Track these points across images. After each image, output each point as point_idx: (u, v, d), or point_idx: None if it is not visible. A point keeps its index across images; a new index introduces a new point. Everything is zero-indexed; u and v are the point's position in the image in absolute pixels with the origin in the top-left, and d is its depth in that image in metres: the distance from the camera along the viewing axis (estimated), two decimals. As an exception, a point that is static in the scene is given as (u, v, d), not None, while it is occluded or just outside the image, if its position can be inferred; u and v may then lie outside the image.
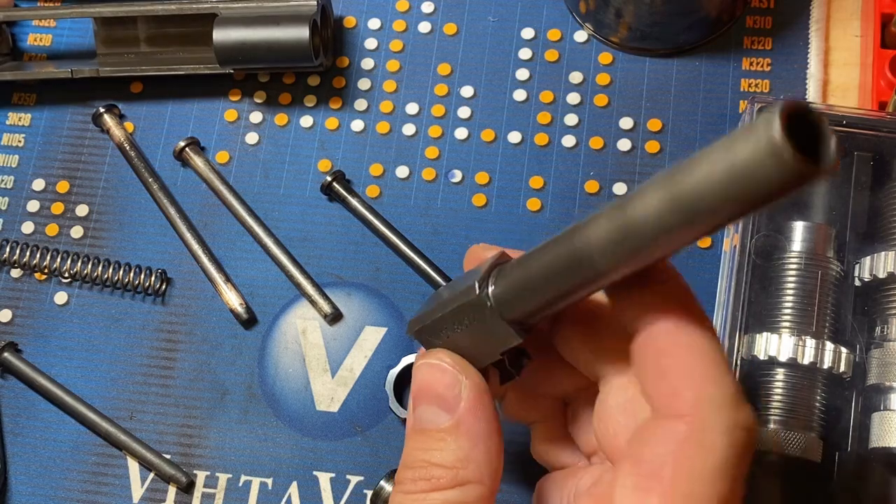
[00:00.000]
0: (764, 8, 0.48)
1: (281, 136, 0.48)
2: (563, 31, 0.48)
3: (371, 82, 0.49)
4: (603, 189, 0.46)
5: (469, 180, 0.46)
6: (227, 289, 0.45)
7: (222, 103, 0.49)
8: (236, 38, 0.45)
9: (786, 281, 0.38)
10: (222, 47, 0.45)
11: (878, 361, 0.37)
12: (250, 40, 0.45)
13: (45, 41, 0.51)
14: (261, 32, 0.45)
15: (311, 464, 0.43)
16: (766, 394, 0.37)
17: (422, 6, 0.50)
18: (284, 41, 0.45)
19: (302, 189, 0.47)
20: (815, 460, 0.36)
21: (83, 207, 0.47)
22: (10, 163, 0.49)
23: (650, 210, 0.24)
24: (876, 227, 0.39)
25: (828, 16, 0.47)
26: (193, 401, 0.44)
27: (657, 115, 0.46)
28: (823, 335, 0.37)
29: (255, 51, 0.45)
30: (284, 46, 0.45)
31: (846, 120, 0.40)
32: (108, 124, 0.48)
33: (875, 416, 0.37)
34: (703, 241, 0.44)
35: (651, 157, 0.46)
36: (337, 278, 0.45)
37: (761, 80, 0.46)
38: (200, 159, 0.47)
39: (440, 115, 0.48)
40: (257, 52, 0.45)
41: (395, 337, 0.44)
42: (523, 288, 0.28)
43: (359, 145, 0.48)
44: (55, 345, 0.45)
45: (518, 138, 0.47)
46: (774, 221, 0.39)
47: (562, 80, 0.48)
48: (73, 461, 0.43)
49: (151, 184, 0.47)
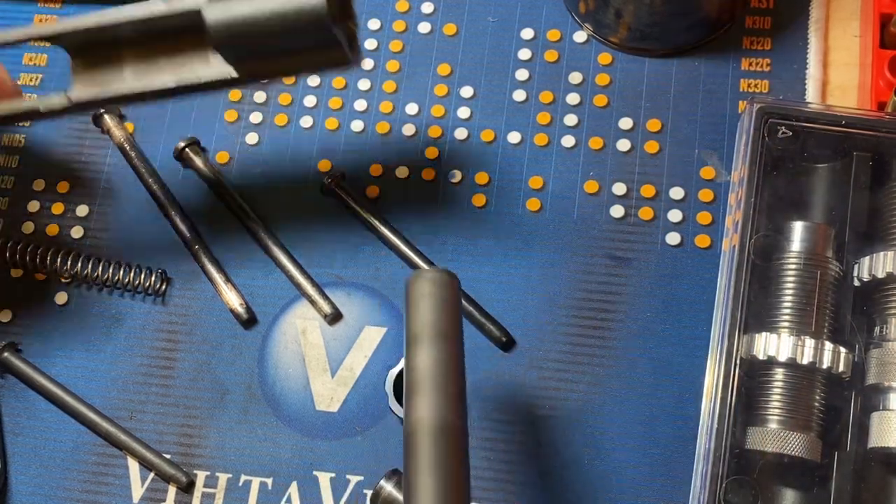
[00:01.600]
0: (763, 8, 0.48)
1: (281, 136, 0.48)
2: (562, 31, 0.48)
3: (371, 83, 0.49)
4: (602, 189, 0.46)
5: (469, 180, 0.46)
6: (227, 289, 0.45)
7: (222, 103, 0.49)
8: (237, 12, 0.34)
9: (785, 281, 0.38)
10: (219, 26, 0.34)
11: (877, 361, 0.37)
12: (254, 14, 0.34)
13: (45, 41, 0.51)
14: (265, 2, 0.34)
15: (311, 464, 0.43)
16: (766, 394, 0.37)
17: (422, 6, 0.50)
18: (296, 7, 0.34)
19: (302, 189, 0.47)
20: (814, 460, 0.37)
21: (83, 207, 0.48)
22: (10, 163, 0.49)
23: None
24: (875, 227, 0.39)
25: (827, 16, 0.47)
26: (193, 401, 0.44)
27: (657, 116, 0.47)
28: (822, 335, 0.37)
29: (261, 28, 0.34)
30: (296, 17, 0.34)
31: (845, 120, 0.40)
32: (108, 124, 0.48)
33: (874, 415, 0.37)
34: (703, 241, 0.44)
35: (651, 158, 0.46)
36: (337, 278, 0.45)
37: (761, 80, 0.47)
38: (200, 159, 0.47)
39: (440, 116, 0.48)
40: (264, 28, 0.34)
41: (394, 337, 0.44)
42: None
43: (359, 145, 0.48)
44: (55, 345, 0.45)
45: (518, 138, 0.47)
46: (774, 221, 0.39)
47: (561, 80, 0.48)
48: (73, 461, 0.43)
49: (151, 184, 0.47)
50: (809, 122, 0.40)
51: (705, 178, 0.45)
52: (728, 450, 0.36)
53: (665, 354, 0.42)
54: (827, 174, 0.40)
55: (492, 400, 0.43)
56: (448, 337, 0.32)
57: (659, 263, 0.44)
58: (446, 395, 0.31)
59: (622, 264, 0.44)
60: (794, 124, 0.40)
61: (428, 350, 0.32)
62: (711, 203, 0.45)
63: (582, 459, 0.41)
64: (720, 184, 0.45)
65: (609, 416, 0.42)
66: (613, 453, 0.41)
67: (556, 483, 0.41)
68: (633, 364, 0.43)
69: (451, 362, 0.32)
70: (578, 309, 0.44)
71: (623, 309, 0.43)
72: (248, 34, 0.34)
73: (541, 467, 0.41)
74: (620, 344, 0.43)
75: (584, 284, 0.44)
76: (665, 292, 0.44)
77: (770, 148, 0.40)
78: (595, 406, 0.42)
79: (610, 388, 0.42)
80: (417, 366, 0.32)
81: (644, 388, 0.42)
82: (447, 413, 0.31)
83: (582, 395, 0.42)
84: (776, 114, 0.40)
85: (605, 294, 0.44)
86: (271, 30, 0.34)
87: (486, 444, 0.42)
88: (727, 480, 0.36)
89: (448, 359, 0.32)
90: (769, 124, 0.40)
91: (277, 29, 0.34)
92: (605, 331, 0.43)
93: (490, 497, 0.41)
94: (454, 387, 0.32)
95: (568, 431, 0.42)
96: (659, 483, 0.41)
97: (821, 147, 0.40)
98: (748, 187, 0.40)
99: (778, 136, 0.40)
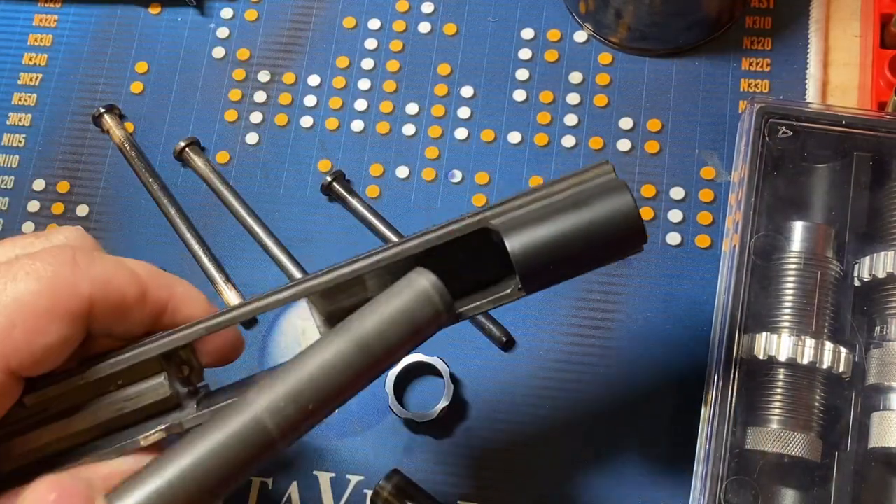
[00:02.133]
0: (764, 8, 0.48)
1: (281, 136, 0.48)
2: (562, 31, 0.48)
3: (371, 82, 0.49)
4: (603, 189, 0.46)
5: (469, 180, 0.46)
6: (227, 289, 0.45)
7: (222, 103, 0.49)
8: (542, 238, 0.29)
9: (785, 281, 0.38)
10: (527, 257, 0.29)
11: (877, 361, 0.37)
12: (560, 235, 0.29)
13: (45, 41, 0.51)
14: (566, 221, 0.29)
15: (311, 464, 0.43)
16: (766, 394, 0.37)
17: (422, 6, 0.50)
18: (603, 222, 0.29)
19: (302, 189, 0.47)
20: (814, 460, 0.36)
21: (83, 207, 0.47)
22: (10, 163, 0.49)
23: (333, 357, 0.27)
24: (875, 227, 0.39)
25: (827, 16, 0.47)
26: (193, 401, 0.44)
27: (657, 116, 0.46)
28: (823, 335, 0.37)
29: (570, 247, 0.29)
30: (605, 229, 0.29)
31: (846, 120, 0.40)
32: (108, 124, 0.48)
33: (874, 416, 0.37)
34: (703, 241, 0.44)
35: (651, 157, 0.46)
36: (337, 278, 0.45)
37: (761, 80, 0.47)
38: (200, 159, 0.47)
39: (440, 115, 0.48)
40: (572, 248, 0.29)
41: (394, 337, 0.44)
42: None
43: (359, 145, 0.48)
44: (55, 345, 0.45)
45: (518, 138, 0.47)
46: (774, 221, 0.39)
47: (561, 80, 0.48)
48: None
49: (151, 184, 0.47)
50: (810, 122, 0.40)
51: (705, 178, 0.45)
52: (728, 450, 0.36)
53: (665, 354, 0.42)
54: (827, 174, 0.40)
55: (492, 400, 0.43)
56: (371, 354, 0.27)
57: (659, 263, 0.44)
58: (297, 404, 0.27)
59: (622, 264, 0.44)
60: (794, 124, 0.40)
61: (338, 348, 0.28)
62: (712, 203, 0.45)
63: (582, 459, 0.41)
64: (720, 184, 0.45)
65: (609, 416, 0.42)
66: (614, 453, 0.41)
67: (556, 483, 0.41)
68: (633, 364, 0.43)
69: (344, 378, 0.27)
70: (578, 309, 0.44)
71: (623, 309, 0.43)
72: (552, 256, 0.29)
73: (541, 467, 0.41)
74: (620, 344, 0.43)
75: (585, 284, 0.44)
76: (665, 292, 0.43)
77: (770, 148, 0.40)
78: (595, 406, 0.42)
79: (610, 387, 0.42)
80: (314, 354, 0.28)
81: (644, 388, 0.42)
82: (270, 419, 0.26)
83: (582, 395, 0.42)
84: (776, 114, 0.40)
85: (605, 294, 0.44)
86: (576, 246, 0.29)
87: (486, 444, 0.42)
88: (727, 481, 0.36)
89: (345, 372, 0.27)
90: (769, 124, 0.40)
91: (582, 244, 0.29)
92: (605, 331, 0.43)
93: (490, 497, 0.41)
94: (316, 403, 0.27)
95: (568, 431, 0.42)
96: (659, 483, 0.41)
97: (821, 147, 0.40)
98: (748, 187, 0.40)
99: (778, 136, 0.40)
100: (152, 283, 0.29)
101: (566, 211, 0.29)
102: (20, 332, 0.26)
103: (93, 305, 0.27)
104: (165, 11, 0.51)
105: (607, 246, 0.29)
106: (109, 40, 0.51)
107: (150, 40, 0.50)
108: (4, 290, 0.26)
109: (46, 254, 0.27)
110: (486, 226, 0.29)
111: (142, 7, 0.51)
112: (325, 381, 0.27)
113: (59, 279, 0.27)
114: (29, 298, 0.26)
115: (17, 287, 0.26)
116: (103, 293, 0.28)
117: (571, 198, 0.29)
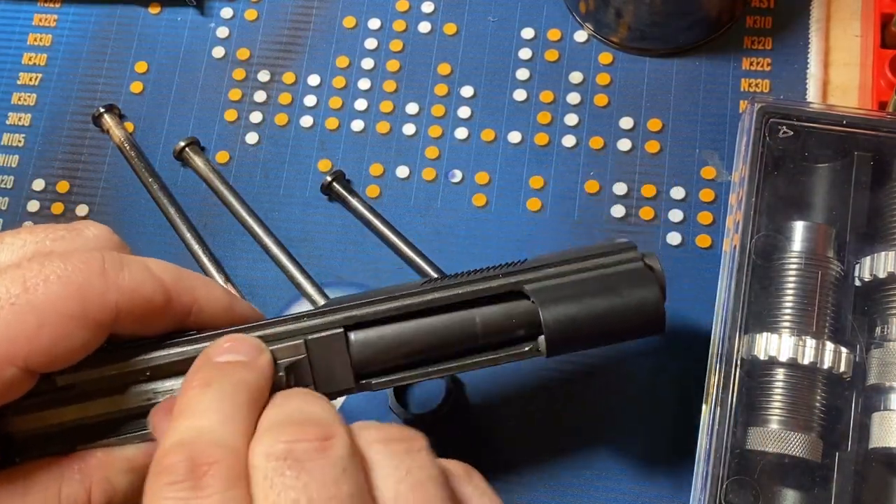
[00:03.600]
0: (764, 8, 0.48)
1: (281, 136, 0.48)
2: (563, 31, 0.48)
3: (371, 82, 0.49)
4: (603, 189, 0.46)
5: (469, 180, 0.46)
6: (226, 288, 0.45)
7: (222, 103, 0.49)
8: (574, 315, 0.33)
9: (786, 281, 0.38)
10: (558, 329, 0.33)
11: (878, 361, 0.37)
12: (590, 315, 0.33)
13: (45, 41, 0.51)
14: (598, 304, 0.33)
15: (311, 464, 0.42)
16: (767, 394, 0.37)
17: (422, 6, 0.50)
18: (630, 309, 0.34)
19: (302, 189, 0.47)
20: (815, 461, 0.36)
21: (83, 207, 0.47)
22: (10, 163, 0.49)
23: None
24: (876, 227, 0.39)
25: (828, 16, 0.47)
26: (193, 401, 0.44)
27: (657, 115, 0.46)
28: (823, 335, 0.37)
29: (596, 326, 0.33)
30: (631, 315, 0.34)
31: (846, 120, 0.40)
32: (108, 124, 0.48)
33: (875, 416, 0.37)
34: (704, 241, 0.44)
35: (651, 157, 0.46)
36: (337, 278, 0.45)
37: (761, 80, 0.46)
38: (200, 159, 0.47)
39: (440, 115, 0.48)
40: (599, 327, 0.34)
41: (395, 337, 0.44)
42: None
43: (359, 145, 0.48)
44: (55, 345, 0.45)
45: (518, 138, 0.47)
46: (774, 221, 0.39)
47: (562, 80, 0.48)
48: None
49: (151, 184, 0.47)
50: (810, 122, 0.40)
51: (706, 178, 0.45)
52: (729, 450, 0.36)
53: (665, 354, 0.42)
54: (828, 174, 0.40)
55: (492, 399, 0.43)
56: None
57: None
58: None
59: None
60: (794, 124, 0.40)
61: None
62: (712, 203, 0.45)
63: (582, 459, 0.41)
64: (721, 184, 0.45)
65: (609, 416, 0.42)
66: (614, 453, 0.41)
67: (556, 482, 0.41)
68: (633, 364, 0.42)
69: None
70: (579, 309, 0.43)
71: (623, 309, 0.43)
72: (579, 332, 0.33)
73: (541, 467, 0.41)
74: (620, 343, 0.43)
75: (585, 284, 0.44)
76: (665, 292, 0.43)
77: (771, 148, 0.40)
78: (595, 406, 0.42)
79: (610, 388, 0.42)
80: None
81: (644, 388, 0.42)
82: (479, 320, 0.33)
83: (582, 395, 0.42)
84: (777, 113, 0.40)
85: (606, 294, 0.44)
86: (603, 326, 0.33)
87: (486, 443, 0.42)
88: (728, 481, 0.36)
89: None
90: (770, 124, 0.40)
91: (607, 325, 0.33)
92: (606, 331, 0.43)
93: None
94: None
95: (568, 431, 0.42)
96: (659, 483, 0.41)
97: (822, 147, 0.40)
98: (749, 187, 0.40)
99: (779, 136, 0.40)
100: (176, 289, 0.30)
101: (598, 294, 0.33)
102: (46, 334, 0.27)
103: (118, 314, 0.28)
104: (165, 11, 0.51)
105: (629, 329, 0.34)
106: (109, 40, 0.51)
107: (150, 40, 0.50)
108: (37, 290, 0.27)
109: (78, 259, 0.28)
110: (521, 289, 0.33)
111: (141, 7, 0.51)
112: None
113: (90, 288, 0.28)
114: (60, 303, 0.27)
115: (50, 289, 0.27)
116: (129, 302, 0.29)
117: (602, 280, 0.34)
